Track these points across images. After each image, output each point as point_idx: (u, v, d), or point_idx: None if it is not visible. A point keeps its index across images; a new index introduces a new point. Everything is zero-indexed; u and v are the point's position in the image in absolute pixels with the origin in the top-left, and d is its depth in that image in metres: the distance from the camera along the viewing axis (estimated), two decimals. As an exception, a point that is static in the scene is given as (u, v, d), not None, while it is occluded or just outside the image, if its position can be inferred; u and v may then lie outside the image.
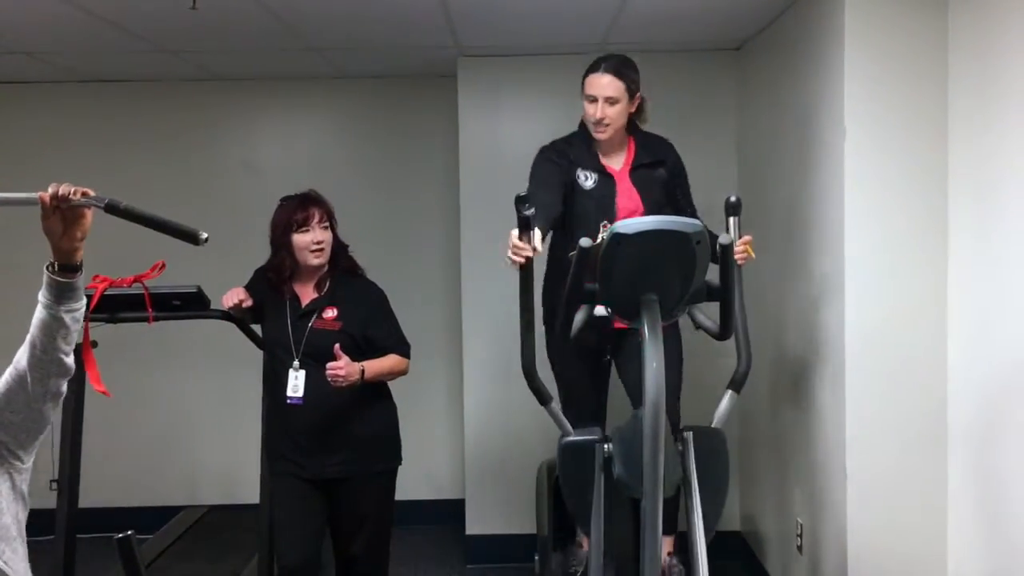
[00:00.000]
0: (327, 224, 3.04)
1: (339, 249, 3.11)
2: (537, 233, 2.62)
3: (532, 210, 2.56)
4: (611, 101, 3.02)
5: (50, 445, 3.63)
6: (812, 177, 3.32)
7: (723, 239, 2.52)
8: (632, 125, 3.18)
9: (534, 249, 2.61)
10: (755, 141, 4.14)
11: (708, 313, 2.88)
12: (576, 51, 4.21)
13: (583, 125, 3.17)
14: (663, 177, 3.18)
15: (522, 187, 2.63)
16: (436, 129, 4.87)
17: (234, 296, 3.05)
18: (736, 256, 2.74)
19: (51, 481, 3.53)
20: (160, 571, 3.81)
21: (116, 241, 4.78)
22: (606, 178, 3.12)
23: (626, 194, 3.11)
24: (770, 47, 3.88)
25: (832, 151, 3.11)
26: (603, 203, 3.08)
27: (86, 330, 3.24)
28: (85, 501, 3.55)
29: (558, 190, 3.06)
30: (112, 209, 1.78)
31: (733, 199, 2.84)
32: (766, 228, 3.72)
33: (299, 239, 3.01)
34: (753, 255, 2.91)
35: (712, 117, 4.34)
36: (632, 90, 3.06)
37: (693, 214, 3.11)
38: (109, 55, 4.22)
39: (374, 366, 3.00)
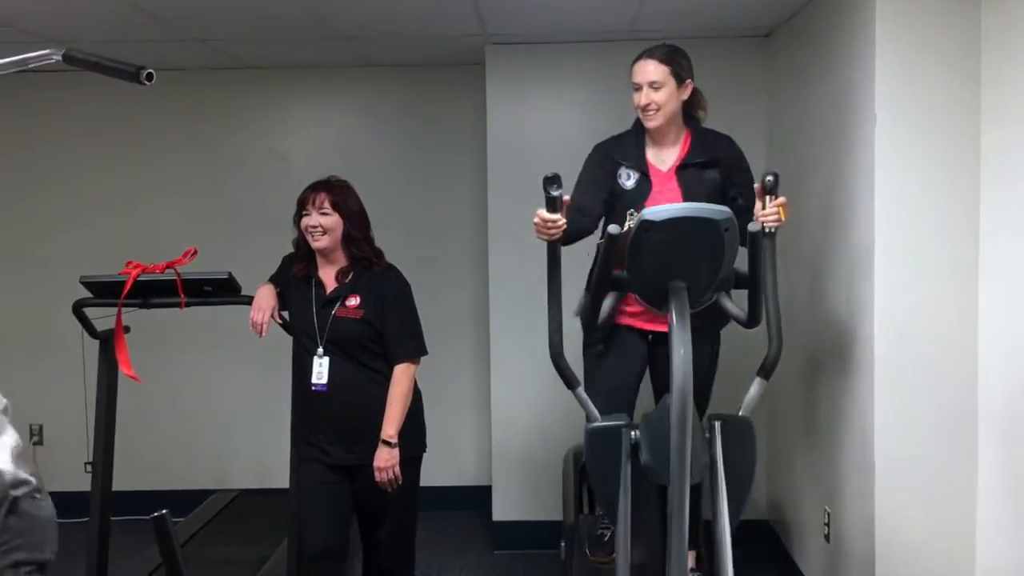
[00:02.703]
0: (327, 210, 3.04)
1: (352, 238, 3.09)
2: (564, 211, 2.61)
3: (560, 191, 2.56)
4: (655, 86, 2.96)
5: (84, 428, 3.71)
6: (843, 164, 3.30)
7: (752, 226, 2.51)
8: (690, 118, 3.12)
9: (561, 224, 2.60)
10: (785, 128, 4.11)
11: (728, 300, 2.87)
12: (604, 38, 4.21)
13: (638, 120, 3.10)
14: (715, 180, 3.08)
15: (550, 171, 2.64)
16: (464, 117, 4.88)
17: (263, 315, 3.09)
18: (769, 219, 2.71)
19: (85, 463, 3.60)
20: (191, 553, 3.86)
21: (148, 228, 4.87)
22: (646, 180, 3.06)
23: (667, 195, 3.02)
24: (800, 33, 3.85)
25: (863, 138, 3.09)
26: (637, 206, 3.00)
27: (119, 315, 3.30)
28: (117, 484, 3.61)
29: (599, 194, 3.04)
30: (70, 60, 1.73)
31: (770, 178, 2.77)
32: (796, 216, 3.69)
33: (302, 222, 3.08)
34: (784, 219, 2.79)
35: (741, 104, 4.32)
36: (680, 75, 2.99)
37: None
38: (139, 43, 4.26)
39: (394, 421, 3.02)
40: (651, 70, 2.98)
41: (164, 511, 2.06)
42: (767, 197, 2.77)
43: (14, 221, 5.02)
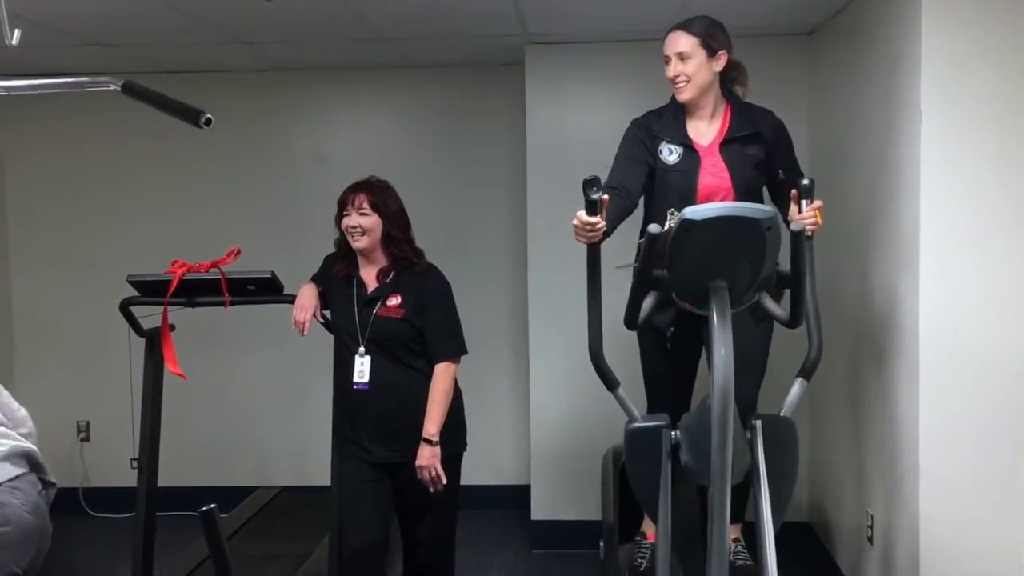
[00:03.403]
0: (366, 210, 3.07)
1: (392, 238, 3.12)
2: (604, 213, 2.61)
3: (600, 194, 2.56)
4: (683, 56, 2.93)
5: (131, 425, 3.78)
6: (887, 163, 3.26)
7: (794, 226, 2.49)
8: (729, 92, 3.08)
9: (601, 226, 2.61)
10: (828, 127, 4.07)
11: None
12: (644, 37, 4.18)
13: (674, 95, 3.07)
14: (758, 155, 3.03)
15: (589, 173, 2.64)
16: (503, 117, 4.89)
17: (306, 314, 3.12)
18: (807, 222, 2.67)
19: (131, 460, 3.66)
20: (234, 548, 3.88)
21: (192, 228, 4.95)
22: (691, 153, 3.00)
23: (711, 171, 2.99)
24: (844, 31, 3.81)
25: (908, 136, 3.05)
26: (685, 180, 2.97)
27: (165, 314, 3.36)
28: (161, 480, 3.67)
29: (638, 171, 3.00)
30: (128, 90, 1.78)
31: (806, 182, 2.77)
32: (840, 216, 3.66)
33: (343, 222, 3.10)
34: (821, 221, 2.77)
35: (782, 103, 4.21)
36: (710, 46, 2.95)
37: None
38: (184, 46, 4.33)
39: (435, 419, 3.03)
40: (680, 41, 2.95)
41: (212, 505, 2.10)
42: (803, 201, 2.74)
43: (63, 220, 5.12)
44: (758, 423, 2.64)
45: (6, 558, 2.22)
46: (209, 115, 1.72)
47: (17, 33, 1.88)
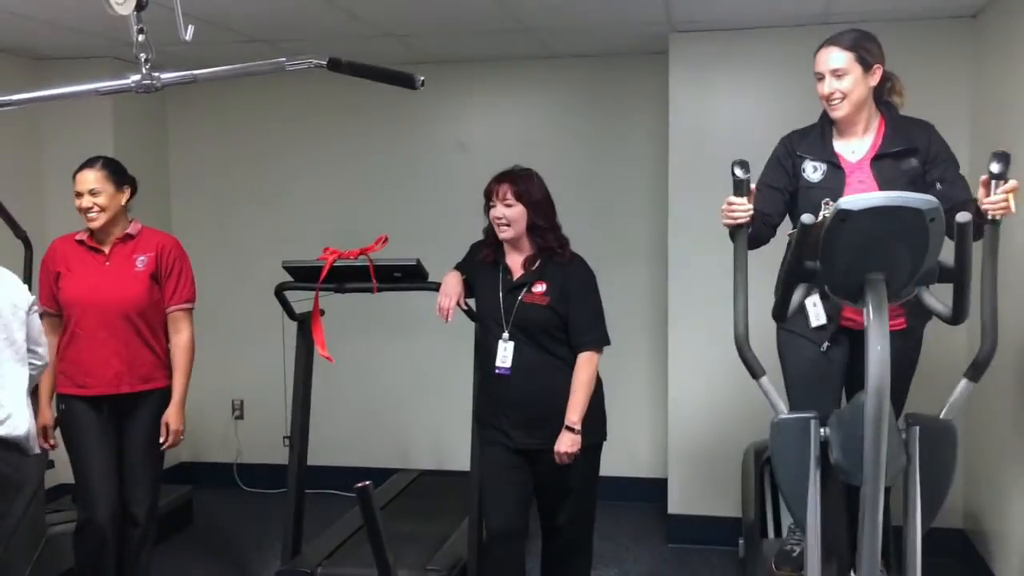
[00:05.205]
0: (511, 201, 3.09)
1: (537, 227, 3.13)
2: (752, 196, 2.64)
3: (747, 175, 2.58)
4: (838, 74, 2.85)
5: (283, 405, 3.95)
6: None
7: (960, 217, 2.36)
8: (884, 105, 2.98)
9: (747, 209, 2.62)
10: (994, 118, 3.84)
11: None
12: (794, 23, 4.07)
13: (825, 112, 3.00)
14: (914, 169, 2.91)
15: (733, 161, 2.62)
16: (645, 107, 4.85)
17: (450, 301, 3.17)
18: (996, 207, 2.50)
19: (284, 437, 3.83)
20: (377, 528, 4.03)
21: (341, 215, 5.11)
22: (835, 170, 2.94)
23: (860, 187, 2.88)
24: (1013, 12, 3.58)
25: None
26: (829, 197, 2.88)
27: (316, 299, 3.49)
28: (309, 459, 3.81)
29: (778, 197, 2.99)
30: (335, 66, 1.84)
31: (996, 166, 2.50)
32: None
33: (490, 213, 3.14)
34: (1014, 208, 2.51)
35: (944, 92, 4.06)
36: (866, 60, 2.86)
37: (964, 206, 2.67)
38: (337, 41, 4.47)
39: (578, 408, 3.04)
40: (834, 58, 2.87)
41: (368, 482, 2.18)
42: (993, 183, 2.52)
43: (221, 206, 5.39)
44: (916, 427, 2.51)
45: None
46: (423, 77, 1.79)
47: (191, 29, 1.98)
